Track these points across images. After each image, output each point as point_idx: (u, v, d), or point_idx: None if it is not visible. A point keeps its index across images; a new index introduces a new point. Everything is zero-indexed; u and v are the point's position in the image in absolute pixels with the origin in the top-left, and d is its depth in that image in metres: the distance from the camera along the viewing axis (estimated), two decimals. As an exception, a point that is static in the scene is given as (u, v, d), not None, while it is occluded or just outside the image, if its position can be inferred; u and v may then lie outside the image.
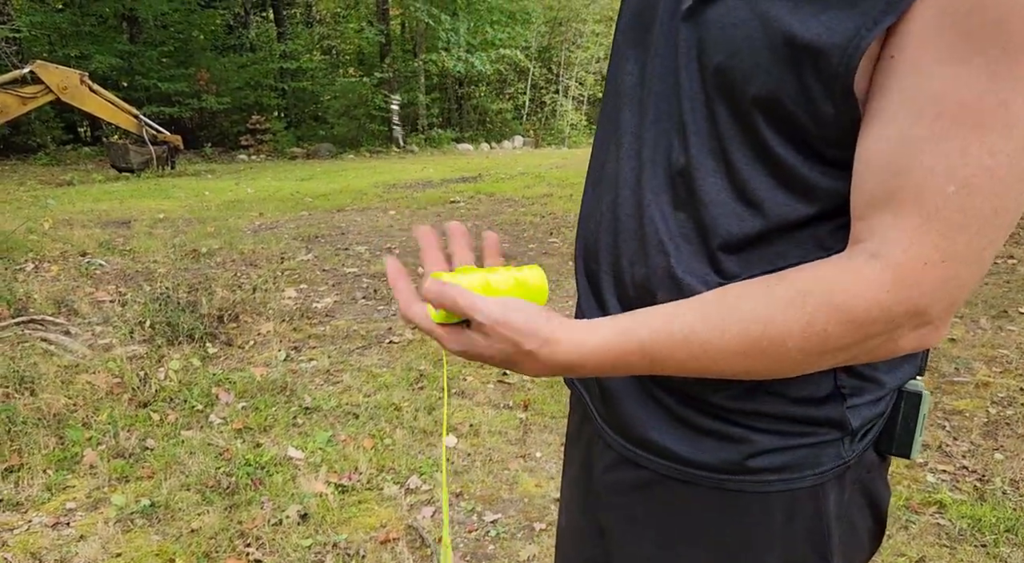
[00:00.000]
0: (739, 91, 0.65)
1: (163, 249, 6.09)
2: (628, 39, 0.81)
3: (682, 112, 0.71)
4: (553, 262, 5.72)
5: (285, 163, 16.14)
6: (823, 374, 0.72)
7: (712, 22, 0.67)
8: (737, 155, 0.67)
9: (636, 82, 0.77)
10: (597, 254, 0.83)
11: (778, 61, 0.62)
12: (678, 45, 0.71)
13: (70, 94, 11.24)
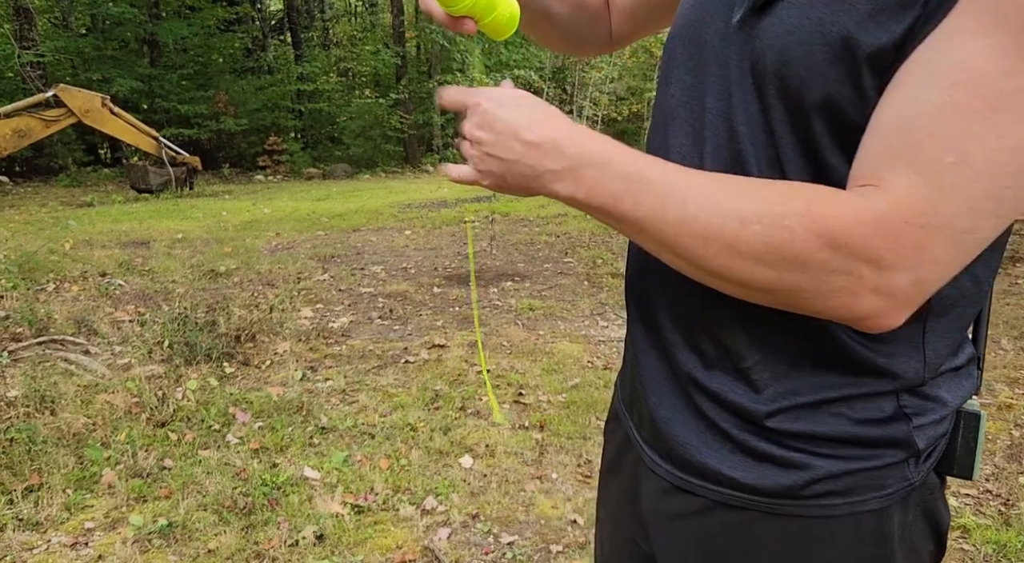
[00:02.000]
0: (798, 97, 0.65)
1: (181, 269, 6.15)
2: (677, 59, 0.81)
3: (737, 123, 0.71)
4: (569, 282, 5.72)
5: (302, 183, 16.29)
6: (884, 395, 0.71)
7: (766, 31, 0.68)
8: (791, 167, 0.67)
9: (686, 100, 0.78)
10: (647, 276, 0.83)
11: (836, 64, 0.62)
12: (730, 59, 0.72)
13: (92, 117, 11.43)
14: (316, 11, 24.31)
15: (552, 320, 4.75)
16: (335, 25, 25.04)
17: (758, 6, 0.70)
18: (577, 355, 4.07)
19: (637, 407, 0.87)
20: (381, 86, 22.18)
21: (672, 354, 0.80)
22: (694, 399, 0.77)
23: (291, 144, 19.23)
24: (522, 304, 5.07)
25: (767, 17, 0.69)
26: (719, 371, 0.75)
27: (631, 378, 0.89)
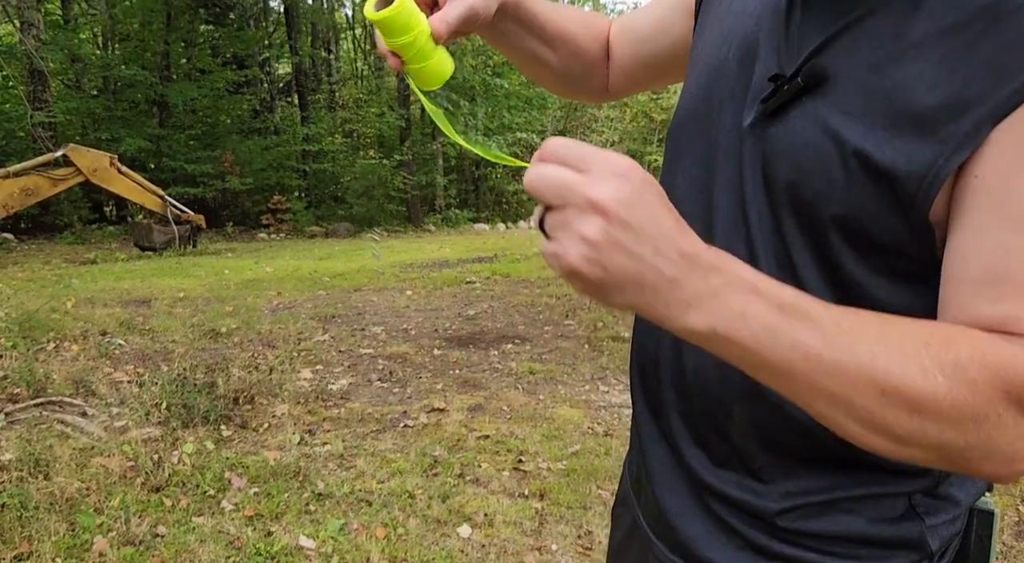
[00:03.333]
0: (814, 209, 0.64)
1: (182, 328, 6.15)
2: (684, 144, 0.80)
3: (749, 225, 0.70)
4: (569, 345, 5.71)
5: (304, 242, 16.42)
6: (896, 497, 0.70)
7: (778, 138, 0.67)
8: (805, 271, 0.66)
9: (694, 194, 0.77)
10: (657, 368, 0.81)
11: (854, 182, 0.62)
12: (742, 157, 0.71)
13: (99, 176, 11.60)
14: (323, 74, 24.92)
15: (552, 384, 4.73)
16: (341, 88, 25.63)
17: (770, 111, 0.69)
18: (578, 421, 4.04)
19: (644, 494, 0.86)
20: (385, 147, 22.58)
21: (679, 447, 0.79)
22: (702, 495, 0.76)
23: (295, 203, 19.47)
24: (522, 367, 5.05)
25: (779, 123, 0.68)
26: (728, 469, 0.75)
27: (638, 464, 0.88)
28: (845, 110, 0.63)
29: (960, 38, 0.60)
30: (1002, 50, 0.57)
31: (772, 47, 0.72)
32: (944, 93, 0.59)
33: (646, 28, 1.02)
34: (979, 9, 0.60)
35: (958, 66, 0.59)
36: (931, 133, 0.58)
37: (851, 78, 0.64)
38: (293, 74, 23.10)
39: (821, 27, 0.68)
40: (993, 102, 0.56)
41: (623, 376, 4.85)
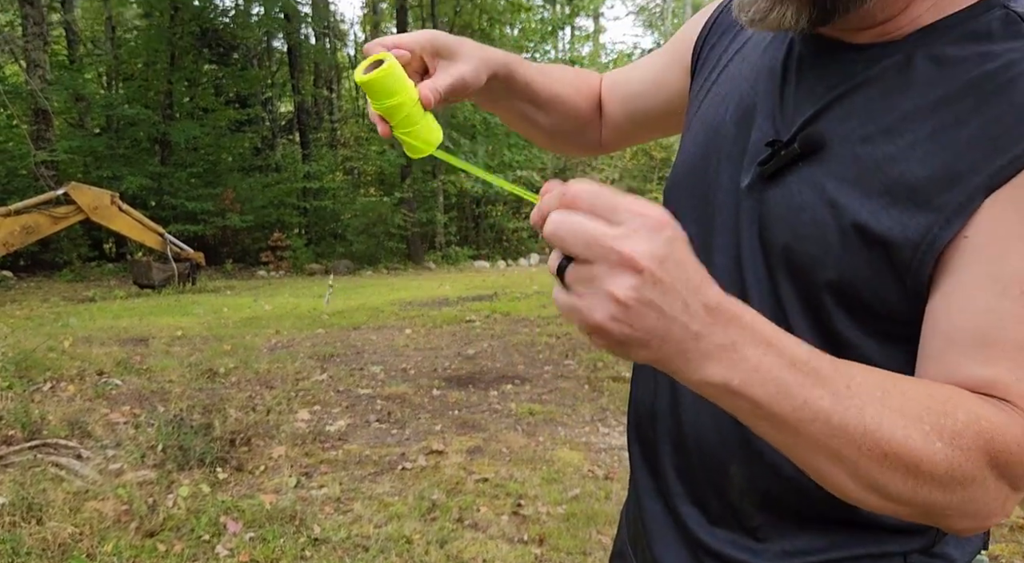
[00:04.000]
0: (810, 273, 0.66)
1: (179, 368, 6.12)
2: (682, 203, 0.81)
3: (745, 285, 0.71)
4: (570, 386, 5.68)
5: (303, 279, 16.43)
6: (893, 556, 0.70)
7: (775, 202, 0.69)
8: (801, 332, 0.66)
9: (694, 244, 0.77)
10: (654, 421, 0.81)
11: (849, 248, 0.63)
12: (739, 218, 0.73)
13: (100, 214, 11.66)
14: (325, 113, 25.22)
15: (552, 426, 4.69)
16: (343, 126, 25.91)
17: (767, 175, 0.70)
18: (577, 463, 3.99)
19: (641, 548, 0.85)
20: (386, 184, 22.74)
21: (675, 504, 0.79)
22: (698, 554, 0.76)
23: (295, 240, 19.53)
24: (522, 408, 5.02)
25: (776, 187, 0.70)
26: (724, 528, 0.74)
27: (635, 518, 0.87)
28: (840, 178, 0.65)
29: (949, 112, 0.62)
30: (991, 125, 0.60)
31: (768, 112, 0.74)
32: (936, 165, 0.61)
33: (639, 85, 1.04)
34: (966, 84, 0.62)
35: (949, 140, 0.61)
36: (925, 203, 0.60)
37: (845, 147, 0.66)
38: (295, 112, 23.38)
39: (815, 96, 0.70)
40: (986, 174, 0.59)
41: (623, 417, 4.82)
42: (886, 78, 0.67)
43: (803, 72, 0.73)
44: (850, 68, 0.69)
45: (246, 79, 21.26)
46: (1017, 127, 0.59)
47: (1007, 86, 0.60)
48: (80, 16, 22.19)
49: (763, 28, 0.69)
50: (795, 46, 0.76)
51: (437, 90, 0.80)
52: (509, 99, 0.97)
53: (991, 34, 0.64)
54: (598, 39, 33.67)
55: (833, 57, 0.71)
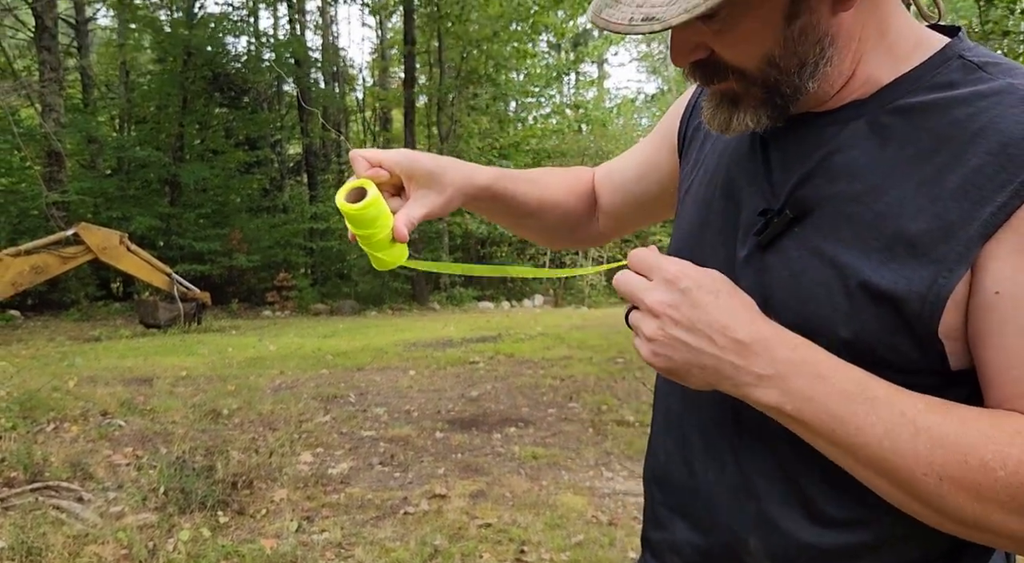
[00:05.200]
0: (821, 335, 0.67)
1: (183, 409, 6.11)
2: None
3: None
4: (573, 429, 5.65)
5: (308, 319, 16.45)
6: None
7: (776, 269, 0.72)
8: None
9: None
10: (670, 493, 0.84)
11: (857, 305, 0.65)
12: (741, 287, 0.73)
13: (108, 254, 11.75)
14: (332, 154, 25.54)
15: (556, 469, 4.65)
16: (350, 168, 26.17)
17: (764, 244, 0.73)
18: (581, 508, 3.96)
19: None
20: (391, 226, 22.87)
21: None
22: None
23: (300, 280, 19.62)
24: (525, 452, 4.99)
25: (775, 255, 0.72)
26: None
27: None
28: (837, 238, 0.68)
29: (930, 165, 0.65)
30: (973, 175, 0.63)
31: (755, 186, 0.77)
32: (929, 218, 0.63)
33: (632, 171, 1.06)
34: (939, 135, 0.66)
35: (935, 193, 0.64)
36: (924, 255, 0.63)
37: (835, 209, 0.69)
38: (303, 154, 23.69)
39: (797, 164, 0.73)
40: (979, 222, 0.61)
41: (628, 462, 4.78)
42: (860, 138, 0.70)
43: (781, 144, 0.76)
44: (823, 134, 0.72)
45: (256, 122, 21.61)
46: (998, 175, 0.61)
47: (979, 135, 0.64)
48: (96, 61, 22.68)
49: (731, 134, 0.75)
50: None
51: (412, 223, 0.86)
52: (494, 213, 1.00)
53: (953, 83, 0.68)
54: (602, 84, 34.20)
55: (806, 126, 0.74)
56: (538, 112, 25.59)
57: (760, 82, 0.70)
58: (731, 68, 0.70)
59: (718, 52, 0.70)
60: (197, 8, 20.37)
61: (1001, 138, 0.62)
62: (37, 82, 16.46)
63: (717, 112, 0.74)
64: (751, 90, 0.71)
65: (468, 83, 21.97)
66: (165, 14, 20.91)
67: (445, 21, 19.89)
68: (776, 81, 0.69)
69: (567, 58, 27.36)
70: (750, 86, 0.71)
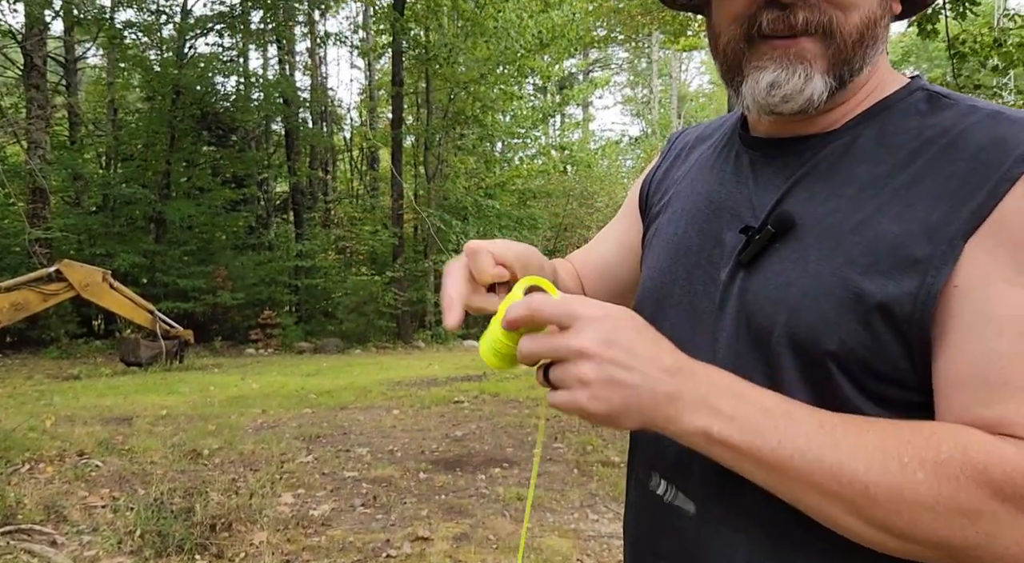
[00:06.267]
0: (812, 346, 0.68)
1: (162, 448, 6.01)
2: (658, 315, 0.82)
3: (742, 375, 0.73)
4: (558, 470, 5.60)
5: (292, 357, 16.31)
6: None
7: (761, 285, 0.72)
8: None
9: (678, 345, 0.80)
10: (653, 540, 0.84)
11: (847, 314, 0.66)
12: (723, 313, 0.75)
13: (91, 291, 11.64)
14: (319, 193, 25.60)
15: (540, 511, 4.60)
16: (336, 206, 26.26)
17: (747, 261, 0.74)
18: (566, 552, 3.91)
19: None
20: (377, 264, 22.88)
21: None
22: None
23: (285, 318, 19.48)
24: (510, 493, 4.93)
25: (759, 272, 0.73)
26: None
27: None
28: (820, 250, 0.69)
29: (905, 174, 0.68)
30: (949, 180, 0.66)
31: (735, 210, 0.79)
32: (909, 221, 0.66)
33: (609, 254, 1.07)
34: (912, 151, 0.69)
35: (912, 197, 0.67)
36: (909, 257, 0.65)
37: (817, 223, 0.71)
38: (290, 192, 23.73)
39: (775, 184, 0.76)
40: (959, 221, 0.64)
41: (612, 504, 4.74)
42: (837, 157, 0.73)
43: (758, 170, 0.79)
44: (801, 156, 0.76)
45: (243, 161, 21.65)
46: (973, 177, 0.64)
47: (951, 146, 0.67)
48: (84, 99, 22.75)
49: (791, 108, 0.73)
50: (742, 155, 0.82)
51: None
52: None
53: (920, 110, 0.73)
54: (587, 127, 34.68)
55: (784, 151, 0.77)
56: (524, 153, 25.82)
57: (848, 45, 0.71)
58: (832, 18, 0.70)
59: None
60: (187, 48, 20.55)
61: (974, 145, 0.66)
62: (24, 120, 16.46)
63: (791, 76, 0.71)
64: (827, 54, 0.71)
65: (455, 124, 22.18)
66: (155, 53, 21.08)
67: (433, 63, 20.15)
68: (856, 49, 0.71)
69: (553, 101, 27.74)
70: (829, 48, 0.71)
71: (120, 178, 19.57)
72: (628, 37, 24.68)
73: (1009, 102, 9.16)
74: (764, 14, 0.71)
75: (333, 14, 29.57)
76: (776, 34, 0.71)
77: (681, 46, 14.71)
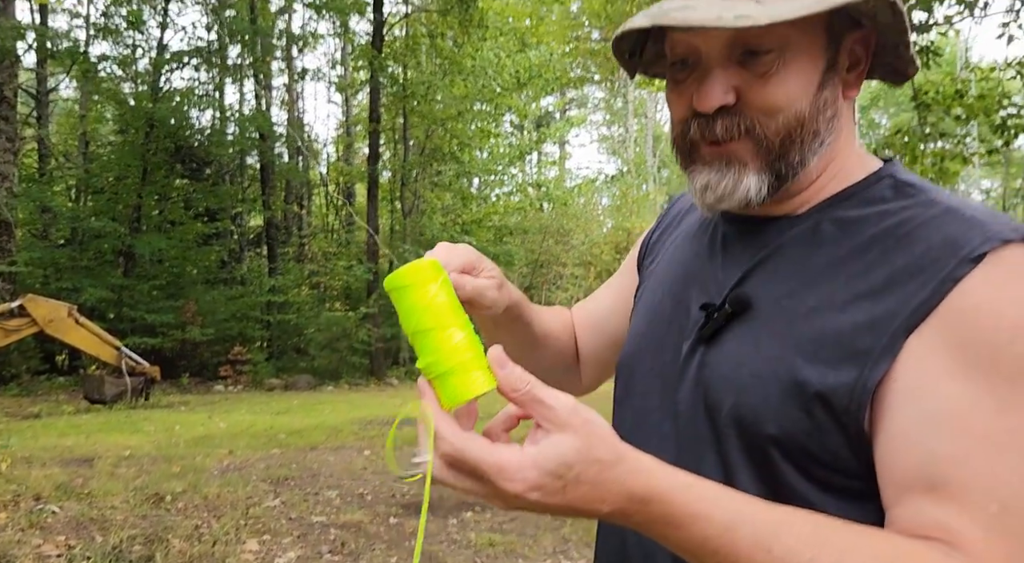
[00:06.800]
0: (756, 428, 0.69)
1: (123, 492, 5.81)
2: (631, 382, 0.87)
3: (693, 450, 0.74)
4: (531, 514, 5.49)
5: (262, 395, 16.03)
6: None
7: (716, 363, 0.74)
8: (748, 491, 0.68)
9: (640, 423, 0.82)
10: None
11: (789, 399, 0.67)
12: (683, 385, 0.77)
13: (55, 327, 11.39)
14: (294, 227, 25.47)
15: (512, 558, 4.50)
16: (311, 241, 26.12)
17: (706, 338, 0.76)
18: (539, 601, 3.80)
19: None
20: (352, 299, 22.72)
21: None
22: None
23: (255, 354, 19.18)
24: (482, 539, 4.82)
25: (716, 349, 0.75)
26: None
27: None
28: (772, 332, 0.71)
29: (859, 263, 0.70)
30: (898, 273, 0.67)
31: (703, 285, 0.81)
32: (855, 312, 0.67)
33: (606, 310, 1.09)
34: (869, 239, 0.71)
35: (862, 288, 0.68)
36: (852, 348, 0.66)
37: (772, 305, 0.73)
38: (264, 227, 23.57)
39: (740, 263, 0.78)
40: (902, 317, 0.65)
41: (586, 549, 4.65)
42: (799, 242, 0.75)
43: (728, 247, 0.81)
44: (767, 237, 0.78)
45: (217, 195, 21.48)
46: (920, 274, 0.66)
47: (905, 239, 0.69)
48: (55, 131, 22.55)
49: (729, 206, 0.75)
50: (719, 228, 0.85)
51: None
52: (513, 334, 0.96)
53: (884, 198, 0.75)
54: (564, 164, 35.06)
55: (752, 230, 0.80)
56: (501, 190, 25.99)
57: (776, 144, 0.73)
58: (755, 122, 0.72)
59: (751, 100, 0.72)
60: (163, 82, 20.49)
61: (925, 242, 0.68)
62: (-8, 152, 16.23)
63: (721, 178, 0.74)
64: (759, 154, 0.73)
65: (432, 160, 22.29)
66: (130, 86, 20.99)
67: (411, 100, 20.30)
68: (789, 147, 0.73)
69: (530, 138, 28.05)
70: (759, 149, 0.73)
71: (90, 211, 19.30)
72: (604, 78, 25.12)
73: (972, 149, 9.41)
74: (693, 122, 0.75)
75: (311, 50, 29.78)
76: (706, 140, 0.75)
77: (656, 87, 15.00)
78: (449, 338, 0.66)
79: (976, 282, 0.64)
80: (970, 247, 0.65)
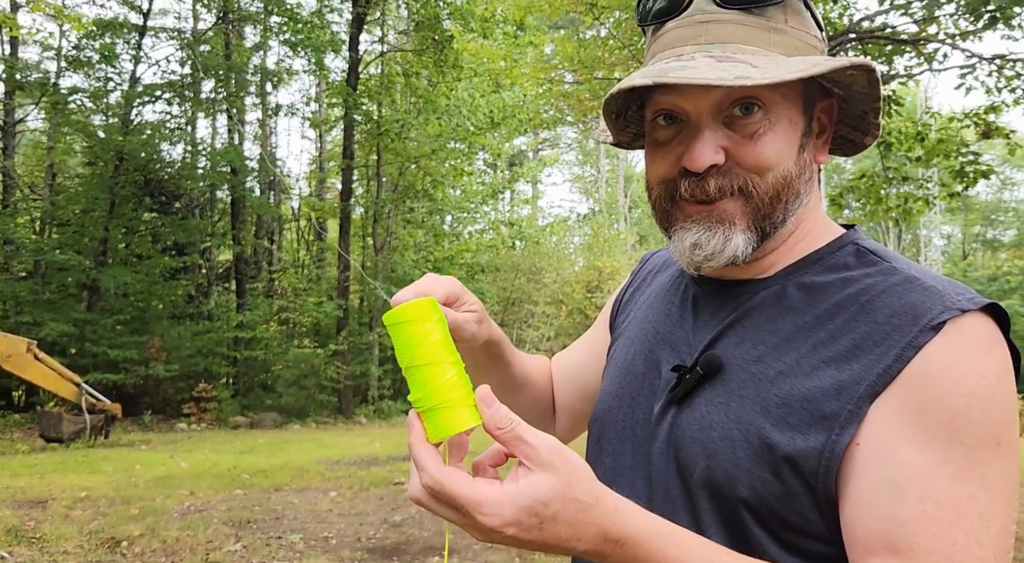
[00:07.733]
0: (726, 491, 0.70)
1: (77, 536, 5.60)
2: (603, 441, 0.87)
3: (665, 510, 0.73)
4: (499, 559, 5.39)
5: (226, 433, 15.67)
6: None
7: (687, 425, 0.75)
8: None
9: (610, 482, 0.80)
10: None
11: (758, 463, 0.69)
12: (654, 446, 0.78)
13: (12, 362, 11.08)
14: (264, 262, 25.22)
15: (482, 605, 4.38)
16: (281, 276, 25.86)
17: (677, 399, 0.77)
18: (508, 651, 3.70)
19: None
20: (321, 336, 22.45)
21: None
22: None
23: (221, 391, 18.78)
24: (450, 585, 4.70)
25: (688, 410, 0.76)
26: None
27: None
28: (742, 396, 0.73)
29: (824, 330, 0.72)
30: (862, 341, 0.69)
31: (674, 345, 0.83)
32: (822, 378, 0.69)
33: (581, 362, 1.10)
34: (834, 305, 0.74)
35: (827, 355, 0.70)
36: (819, 413, 0.68)
37: (742, 368, 0.74)
38: (233, 261, 23.30)
39: (710, 325, 0.80)
40: (867, 383, 0.67)
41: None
42: (766, 305, 0.77)
43: (699, 308, 0.83)
44: (736, 300, 0.80)
45: (186, 229, 21.24)
46: (884, 341, 0.68)
47: (868, 306, 0.71)
48: (21, 162, 22.22)
49: (717, 264, 0.76)
50: (689, 289, 0.86)
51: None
52: (489, 372, 0.97)
53: (847, 265, 0.77)
54: (536, 203, 35.29)
55: (721, 292, 0.81)
56: (473, 227, 26.04)
57: (766, 202, 0.75)
58: (747, 180, 0.74)
59: (742, 159, 0.74)
60: (134, 115, 20.33)
61: (887, 310, 0.70)
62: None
63: (711, 237, 0.75)
64: (748, 212, 0.75)
65: (405, 197, 22.31)
66: (100, 119, 20.80)
67: (385, 138, 20.35)
68: (776, 205, 0.75)
69: (503, 177, 28.23)
70: (749, 207, 0.75)
71: (54, 244, 18.94)
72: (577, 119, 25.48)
73: (934, 193, 9.66)
74: (682, 181, 0.76)
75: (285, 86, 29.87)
76: (695, 199, 0.76)
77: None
78: (440, 374, 0.68)
79: (936, 350, 0.66)
80: (930, 316, 0.67)
